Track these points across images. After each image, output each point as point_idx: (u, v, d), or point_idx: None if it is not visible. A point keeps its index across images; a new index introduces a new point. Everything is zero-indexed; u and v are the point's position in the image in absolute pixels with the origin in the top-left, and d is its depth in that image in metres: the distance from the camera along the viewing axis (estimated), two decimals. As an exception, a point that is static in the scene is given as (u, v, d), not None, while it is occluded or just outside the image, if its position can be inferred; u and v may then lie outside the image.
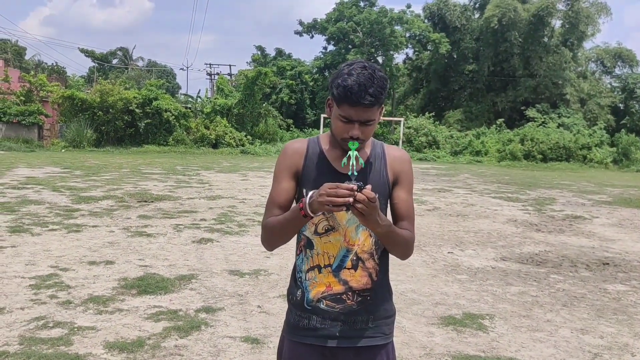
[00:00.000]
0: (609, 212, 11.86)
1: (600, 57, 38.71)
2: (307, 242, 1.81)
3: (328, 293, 1.78)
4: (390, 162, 1.86)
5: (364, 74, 1.69)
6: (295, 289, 1.86)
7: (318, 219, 1.77)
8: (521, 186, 17.06)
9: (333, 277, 1.78)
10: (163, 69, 59.94)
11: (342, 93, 1.68)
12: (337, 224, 1.77)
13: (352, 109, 1.69)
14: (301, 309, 1.82)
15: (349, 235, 1.77)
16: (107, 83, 28.00)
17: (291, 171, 1.83)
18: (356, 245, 1.78)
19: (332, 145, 1.85)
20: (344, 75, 1.70)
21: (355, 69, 1.70)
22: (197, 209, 9.80)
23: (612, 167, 29.29)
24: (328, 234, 1.78)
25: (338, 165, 1.80)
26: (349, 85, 1.67)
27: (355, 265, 1.79)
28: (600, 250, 7.88)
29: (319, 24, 37.33)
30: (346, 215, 1.75)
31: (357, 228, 1.78)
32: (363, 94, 1.66)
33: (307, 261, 1.81)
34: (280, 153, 1.89)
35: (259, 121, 30.95)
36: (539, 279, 6.05)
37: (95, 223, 8.12)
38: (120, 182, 13.34)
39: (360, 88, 1.66)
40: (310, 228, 1.80)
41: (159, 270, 5.70)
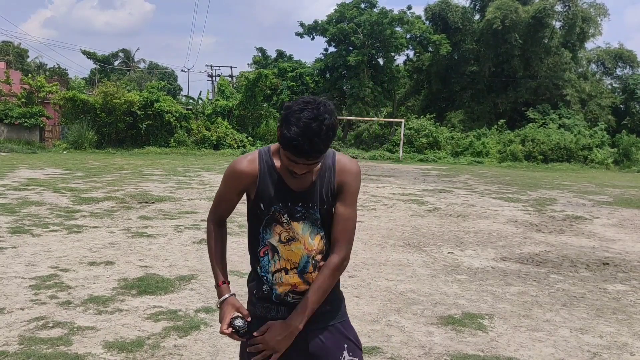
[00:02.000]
0: (609, 213, 11.86)
1: (601, 58, 38.68)
2: (272, 248, 1.95)
3: (294, 290, 1.94)
4: (338, 173, 1.95)
5: (311, 128, 1.69)
6: (260, 285, 1.99)
7: (280, 230, 1.92)
8: (522, 187, 17.06)
9: (298, 279, 1.93)
10: (164, 70, 60.03)
11: (287, 144, 1.71)
12: (296, 234, 1.92)
13: (299, 159, 1.74)
14: (269, 302, 1.97)
15: (307, 243, 1.93)
16: (111, 85, 28.05)
17: (238, 190, 1.98)
18: (313, 250, 1.94)
19: (282, 161, 1.90)
20: (292, 125, 1.70)
21: (305, 117, 1.69)
22: (198, 210, 9.81)
23: (613, 167, 29.26)
24: (290, 244, 1.93)
25: (290, 182, 1.91)
26: (298, 141, 1.69)
27: (315, 267, 1.94)
28: (600, 250, 7.88)
29: (320, 26, 37.32)
30: (300, 226, 1.92)
31: (311, 234, 1.94)
32: (309, 151, 1.70)
33: (274, 264, 1.95)
34: (228, 170, 1.98)
35: (260, 122, 31.00)
36: (538, 279, 6.06)
37: (96, 224, 8.13)
38: (121, 183, 13.37)
39: (311, 146, 1.69)
40: (274, 237, 1.94)
41: (159, 270, 5.71)
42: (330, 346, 1.94)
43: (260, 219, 1.94)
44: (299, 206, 1.92)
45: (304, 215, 1.92)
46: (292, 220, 1.91)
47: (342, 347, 1.95)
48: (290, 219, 1.91)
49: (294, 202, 1.92)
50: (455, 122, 34.80)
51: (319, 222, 1.94)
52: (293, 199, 1.91)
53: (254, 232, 2.00)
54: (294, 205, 1.92)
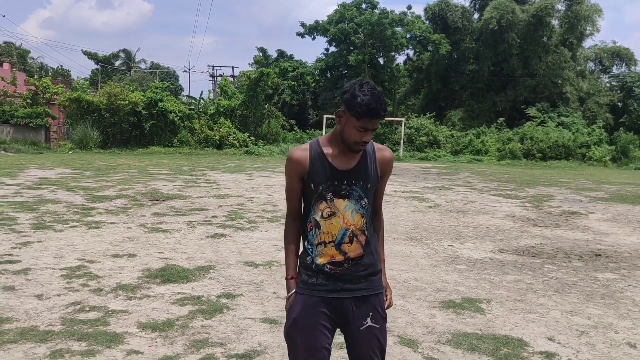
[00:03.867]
0: (604, 208, 12.26)
1: (599, 56, 39.10)
2: (316, 224, 2.33)
3: (331, 261, 2.30)
4: (379, 160, 2.41)
5: (375, 93, 2.20)
6: (306, 255, 2.36)
7: (323, 206, 2.31)
8: (520, 184, 17.45)
9: (335, 250, 2.30)
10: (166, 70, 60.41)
11: (365, 110, 2.17)
12: (337, 210, 2.31)
13: (370, 122, 2.20)
14: (310, 270, 2.33)
15: (347, 218, 2.31)
16: (115, 86, 28.43)
17: (297, 176, 2.33)
18: (352, 225, 2.30)
19: (332, 146, 2.32)
20: (362, 95, 2.17)
21: (368, 89, 2.19)
22: (208, 207, 10.21)
23: (611, 165, 29.66)
24: (331, 218, 2.31)
25: (337, 162, 2.30)
26: (371, 103, 2.17)
27: (351, 239, 2.31)
28: (593, 243, 8.28)
29: (321, 26, 37.73)
30: (344, 203, 2.31)
31: (352, 212, 2.30)
32: (380, 110, 2.19)
33: (316, 237, 2.33)
34: (286, 162, 2.39)
35: (262, 122, 31.38)
36: (533, 269, 6.46)
37: (113, 220, 8.53)
38: (130, 182, 13.76)
39: (378, 106, 2.18)
40: (317, 213, 2.33)
41: (179, 262, 6.11)
42: (358, 313, 2.32)
43: (309, 198, 2.32)
44: (344, 184, 2.29)
45: (348, 192, 2.29)
46: (335, 197, 2.28)
47: (368, 314, 2.33)
48: (334, 196, 2.28)
49: (340, 180, 2.28)
50: (455, 120, 35.20)
51: (360, 199, 2.32)
52: (339, 178, 2.28)
53: (305, 210, 2.37)
54: (339, 183, 2.28)
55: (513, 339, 4.16)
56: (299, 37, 39.17)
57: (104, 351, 3.67)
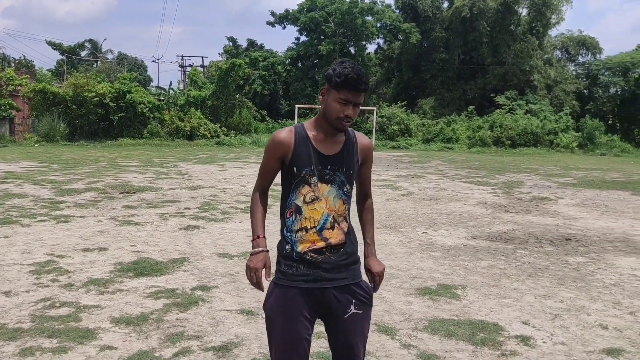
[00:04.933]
0: (573, 194, 12.50)
1: (565, 45, 39.79)
2: (297, 209, 2.29)
3: (312, 248, 2.25)
4: (360, 148, 2.41)
5: (357, 67, 2.22)
6: (285, 244, 2.30)
7: (306, 190, 2.27)
8: (491, 171, 17.69)
9: (317, 236, 2.26)
10: (134, 61, 59.27)
11: (345, 80, 2.18)
12: (321, 194, 2.27)
13: (350, 93, 2.19)
14: (290, 259, 2.27)
15: (329, 203, 2.28)
16: (81, 77, 27.79)
17: (277, 157, 2.30)
18: (334, 210, 2.28)
19: (317, 131, 2.30)
20: (342, 67, 2.19)
21: (347, 62, 2.23)
22: (180, 199, 10.07)
23: (578, 151, 30.29)
24: (314, 202, 2.27)
25: (322, 147, 2.29)
26: (350, 73, 2.17)
27: (333, 225, 2.29)
28: (563, 227, 8.43)
29: (291, 15, 37.49)
30: (327, 188, 2.27)
31: (335, 198, 2.28)
32: (360, 81, 2.20)
33: (297, 223, 2.28)
34: (269, 141, 2.35)
35: (234, 112, 31.10)
36: (506, 254, 6.54)
37: (82, 214, 8.34)
38: (99, 174, 13.49)
39: (359, 77, 2.19)
40: (299, 197, 2.28)
41: (152, 255, 6.00)
42: (341, 301, 2.29)
43: (290, 182, 2.28)
44: (328, 169, 2.27)
45: (331, 178, 2.27)
46: (319, 182, 2.26)
47: (351, 302, 2.30)
48: (318, 180, 2.26)
49: (324, 164, 2.26)
50: (426, 109, 35.45)
51: (343, 185, 2.30)
52: (323, 162, 2.26)
53: (284, 196, 2.32)
54: (323, 167, 2.26)
55: (489, 324, 4.20)
56: (269, 26, 38.91)
57: (76, 347, 3.58)
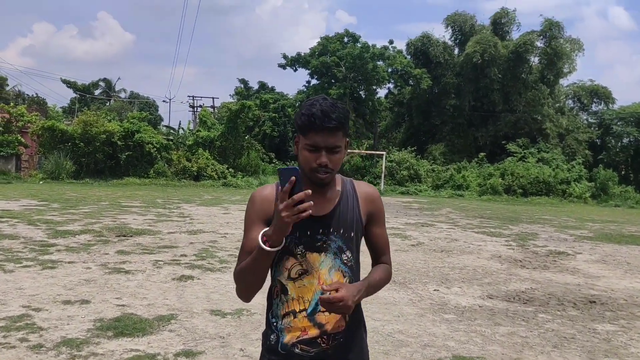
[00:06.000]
0: (591, 248, 11.88)
1: (577, 94, 39.58)
2: (282, 288, 1.82)
3: (303, 338, 1.78)
4: (363, 200, 1.91)
5: (326, 103, 1.76)
6: (269, 333, 1.86)
7: (291, 264, 1.78)
8: (503, 221, 17.10)
9: (308, 322, 1.79)
10: (145, 100, 59.86)
11: (307, 120, 1.73)
12: (311, 267, 1.79)
13: (317, 135, 1.73)
14: (275, 353, 1.82)
15: (323, 278, 1.80)
16: (91, 114, 27.77)
17: (261, 219, 1.81)
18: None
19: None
20: (307, 106, 1.76)
21: (317, 100, 1.77)
22: (178, 244, 9.58)
23: (591, 201, 29.60)
24: (302, 278, 1.79)
25: (315, 209, 1.77)
26: (313, 112, 1.73)
27: None
28: (585, 287, 7.83)
29: (303, 58, 37.73)
30: (319, 258, 1.79)
31: (330, 270, 1.81)
32: (327, 118, 1.72)
33: (282, 306, 1.81)
34: (249, 201, 1.88)
35: (242, 154, 30.89)
36: (527, 319, 5.95)
37: (72, 259, 7.86)
38: (98, 215, 13.07)
39: (324, 113, 1.72)
40: (283, 273, 1.81)
41: (137, 310, 5.48)
42: None
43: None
44: (319, 234, 1.80)
45: (325, 245, 1.80)
46: (308, 251, 1.79)
47: None
48: (306, 250, 1.79)
49: (313, 229, 1.79)
50: (436, 155, 35.10)
51: (341, 253, 1.81)
52: (312, 226, 1.78)
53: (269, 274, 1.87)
54: (313, 233, 1.79)
55: (513, 410, 3.62)
56: (281, 68, 39.11)
57: None
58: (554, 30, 36.00)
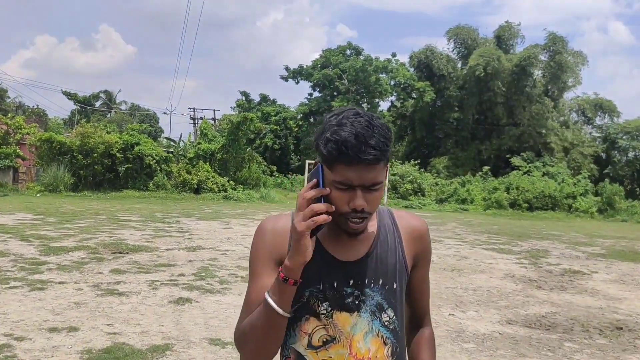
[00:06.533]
0: (606, 267, 11.41)
1: (582, 107, 39.24)
2: (298, 358, 1.34)
3: None
4: (407, 238, 1.47)
5: (360, 121, 1.27)
6: None
7: (314, 327, 1.32)
8: (511, 237, 16.63)
9: None
10: (146, 112, 59.64)
11: (335, 150, 1.25)
12: (339, 332, 1.33)
13: (350, 170, 1.25)
14: None
15: (356, 347, 1.34)
16: (89, 126, 27.40)
17: (275, 260, 1.35)
18: (367, 359, 1.35)
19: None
20: (334, 127, 1.27)
21: (346, 117, 1.28)
22: (176, 262, 9.13)
23: (598, 216, 29.10)
24: (327, 348, 1.33)
25: (336, 248, 1.36)
26: (344, 138, 1.24)
27: None
28: (609, 311, 7.36)
29: (305, 70, 37.48)
30: (351, 320, 1.33)
31: (366, 336, 1.35)
32: (363, 147, 1.24)
33: None
34: (256, 234, 1.40)
35: (243, 166, 30.46)
36: (552, 348, 5.48)
37: (63, 279, 7.41)
38: (95, 230, 12.61)
39: (359, 140, 1.24)
40: (301, 339, 1.34)
41: (129, 338, 5.02)
42: None
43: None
44: (350, 286, 1.35)
45: (357, 301, 1.35)
46: (335, 310, 1.33)
47: None
48: (332, 308, 1.33)
49: (342, 279, 1.35)
50: (439, 168, 34.69)
51: (381, 311, 1.36)
52: (340, 275, 1.34)
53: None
54: (342, 285, 1.34)
55: None
56: (283, 80, 38.87)
57: None
58: (557, 44, 35.76)
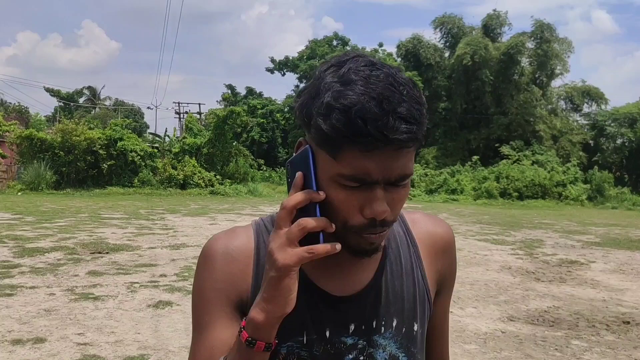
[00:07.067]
0: (603, 256, 11.13)
1: (570, 95, 39.07)
2: None
3: None
4: (428, 250, 1.00)
5: (378, 76, 0.77)
6: None
7: None
8: (504, 226, 16.35)
9: None
10: (130, 108, 58.75)
11: (345, 125, 0.73)
12: None
13: (368, 158, 0.75)
14: None
15: None
16: (70, 122, 26.73)
17: (232, 302, 0.88)
18: None
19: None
20: (337, 87, 0.77)
21: (356, 70, 0.78)
22: (158, 261, 8.68)
23: (588, 204, 28.98)
24: None
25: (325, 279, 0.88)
26: (358, 104, 0.73)
27: None
28: (612, 304, 7.03)
29: (291, 62, 36.96)
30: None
31: None
32: (391, 118, 0.73)
33: None
34: (200, 261, 0.92)
35: (230, 161, 29.94)
36: (560, 347, 5.12)
37: (35, 283, 6.94)
38: (74, 229, 12.11)
39: (383, 107, 0.73)
40: None
41: (101, 349, 4.58)
42: None
43: None
44: (350, 334, 0.89)
45: (362, 356, 0.88)
46: None
47: None
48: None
49: (339, 325, 0.88)
50: (428, 158, 34.38)
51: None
52: (335, 320, 0.87)
53: None
54: (337, 333, 0.88)
55: None
56: (268, 72, 38.35)
57: None
58: (545, 32, 35.51)
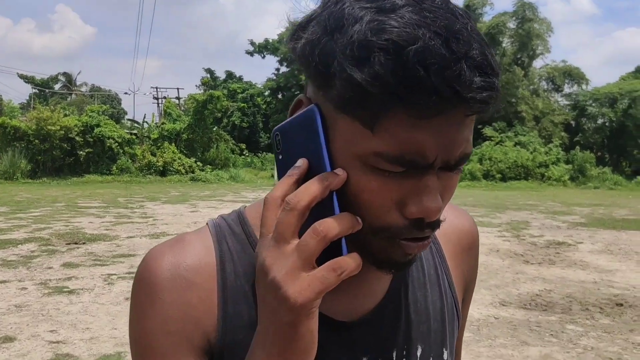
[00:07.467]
0: (590, 236, 11.06)
1: (551, 75, 39.14)
2: None
3: None
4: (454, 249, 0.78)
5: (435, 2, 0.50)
6: None
7: None
8: (489, 208, 16.27)
9: None
10: (107, 93, 57.65)
11: (393, 71, 0.46)
12: None
13: (423, 127, 0.50)
14: None
15: None
16: (45, 110, 26.02)
17: (194, 347, 0.62)
18: None
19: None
20: (372, 14, 0.50)
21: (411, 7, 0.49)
22: (136, 251, 8.36)
23: (570, 184, 29.16)
24: None
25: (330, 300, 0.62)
26: (416, 39, 0.46)
27: None
28: (604, 285, 6.91)
29: (271, 45, 36.41)
30: None
31: None
32: (465, 66, 0.47)
33: None
34: (138, 294, 0.65)
35: (210, 146, 29.48)
36: (555, 332, 4.96)
37: (6, 277, 6.60)
38: (50, 219, 11.71)
39: (450, 47, 0.47)
40: None
41: (75, 348, 4.30)
42: None
43: None
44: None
45: None
46: None
47: None
48: None
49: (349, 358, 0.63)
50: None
51: None
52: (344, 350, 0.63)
53: None
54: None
55: None
56: (248, 55, 37.72)
57: None
58: (527, 11, 35.40)
